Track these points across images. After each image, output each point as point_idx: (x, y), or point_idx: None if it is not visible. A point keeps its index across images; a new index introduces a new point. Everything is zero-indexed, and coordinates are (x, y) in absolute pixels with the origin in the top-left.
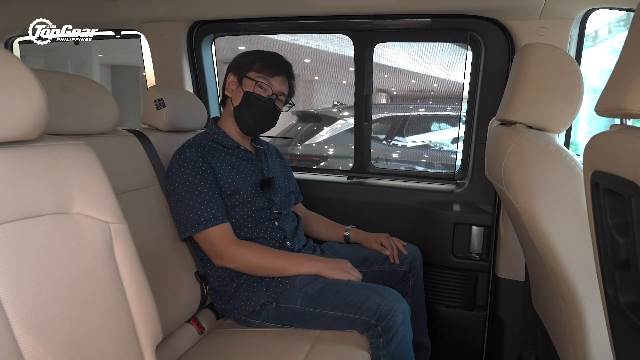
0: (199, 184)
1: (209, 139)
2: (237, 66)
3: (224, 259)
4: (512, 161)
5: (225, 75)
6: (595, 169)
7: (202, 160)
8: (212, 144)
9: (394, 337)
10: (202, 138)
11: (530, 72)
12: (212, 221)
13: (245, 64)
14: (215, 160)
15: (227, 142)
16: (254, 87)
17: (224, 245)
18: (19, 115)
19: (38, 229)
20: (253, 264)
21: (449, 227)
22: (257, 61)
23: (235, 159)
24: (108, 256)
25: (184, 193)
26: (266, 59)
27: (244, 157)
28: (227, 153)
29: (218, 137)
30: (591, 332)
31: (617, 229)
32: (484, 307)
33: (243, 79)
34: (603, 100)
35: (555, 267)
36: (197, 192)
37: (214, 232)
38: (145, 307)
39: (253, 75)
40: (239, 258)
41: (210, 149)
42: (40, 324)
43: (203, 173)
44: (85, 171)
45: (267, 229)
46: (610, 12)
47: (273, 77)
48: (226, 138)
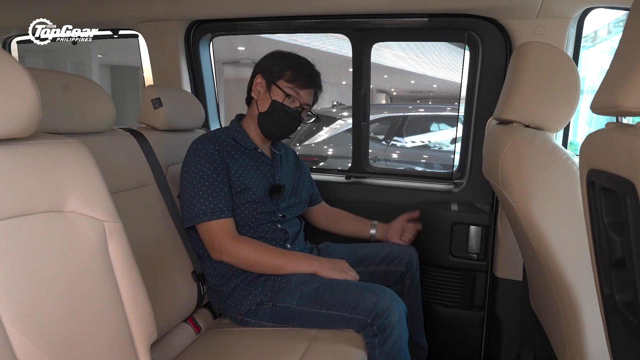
0: (211, 176)
1: (229, 136)
2: (266, 70)
3: (222, 253)
4: (509, 160)
5: (252, 74)
6: (591, 167)
7: (218, 155)
8: (230, 140)
9: (390, 336)
10: (222, 133)
11: (527, 71)
12: (217, 214)
13: (276, 71)
14: (230, 157)
15: (245, 142)
16: (283, 98)
17: (224, 239)
18: (11, 112)
19: (31, 227)
20: (250, 260)
21: (446, 226)
22: (288, 69)
23: (250, 160)
24: (102, 254)
25: (195, 182)
26: (298, 68)
27: (259, 159)
28: (244, 153)
29: (238, 136)
30: (588, 331)
31: (613, 227)
32: (481, 306)
33: (272, 86)
34: (599, 99)
35: (551, 266)
36: (208, 184)
37: (216, 225)
38: (139, 305)
39: (283, 84)
40: (236, 253)
41: (227, 145)
42: (33, 322)
43: (217, 166)
44: (79, 169)
45: (269, 230)
46: (609, 12)
47: (303, 89)
48: (245, 138)
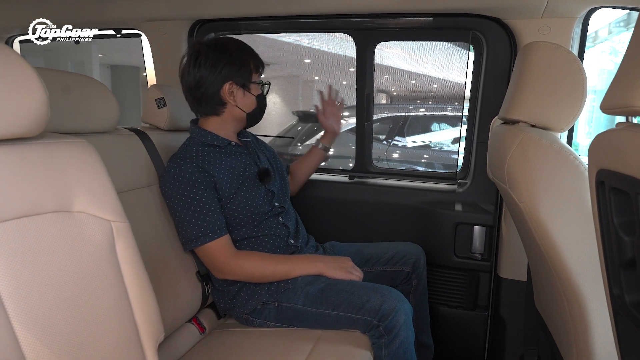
0: (195, 198)
1: (199, 143)
2: (234, 75)
3: (224, 273)
4: (516, 160)
5: (218, 86)
6: (601, 167)
7: (198, 170)
8: (203, 147)
9: (396, 337)
10: (192, 144)
11: (534, 70)
12: (209, 236)
13: (244, 71)
14: (212, 165)
15: (217, 141)
16: (266, 90)
17: (223, 258)
18: (20, 111)
19: (39, 227)
20: (254, 274)
21: (450, 226)
22: (247, 61)
23: (229, 157)
24: (110, 255)
25: (180, 208)
26: (249, 54)
27: (236, 152)
28: (220, 152)
29: (207, 139)
30: (595, 331)
31: (623, 228)
32: (485, 307)
33: (249, 85)
34: (609, 98)
35: (559, 266)
36: (194, 207)
37: (212, 247)
38: (147, 306)
39: (256, 77)
40: (239, 270)
41: (202, 153)
42: (41, 322)
43: (199, 185)
44: (86, 169)
45: (272, 226)
46: (610, 12)
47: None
48: (215, 137)
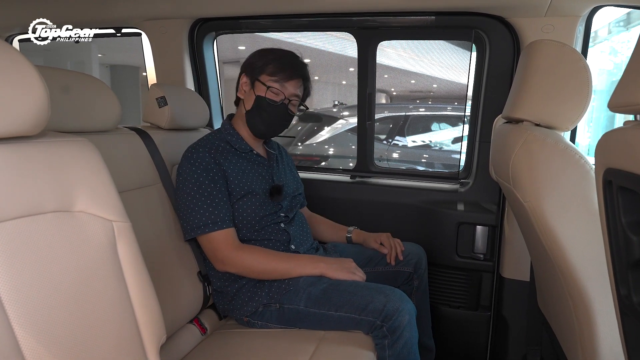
0: (208, 186)
1: (222, 140)
2: (250, 67)
3: (226, 265)
4: (520, 159)
5: (238, 75)
6: (608, 166)
7: (214, 162)
8: (224, 145)
9: (400, 337)
10: (215, 138)
11: (538, 69)
12: (218, 224)
13: (258, 66)
14: (228, 162)
15: (239, 145)
16: (265, 92)
17: (227, 250)
18: (20, 110)
19: (40, 227)
20: (255, 269)
21: (453, 226)
22: (270, 63)
23: (247, 163)
24: (111, 255)
25: (193, 193)
26: (279, 60)
27: (255, 161)
28: (240, 156)
29: (232, 139)
30: (601, 332)
31: (631, 227)
32: (488, 307)
33: (255, 82)
34: (617, 96)
35: (564, 266)
36: (206, 194)
37: (218, 237)
38: (148, 307)
39: (265, 79)
40: (240, 263)
41: (222, 150)
42: (41, 323)
43: (214, 175)
44: (88, 168)
45: (272, 231)
46: (609, 12)
47: (287, 80)
48: (239, 140)
